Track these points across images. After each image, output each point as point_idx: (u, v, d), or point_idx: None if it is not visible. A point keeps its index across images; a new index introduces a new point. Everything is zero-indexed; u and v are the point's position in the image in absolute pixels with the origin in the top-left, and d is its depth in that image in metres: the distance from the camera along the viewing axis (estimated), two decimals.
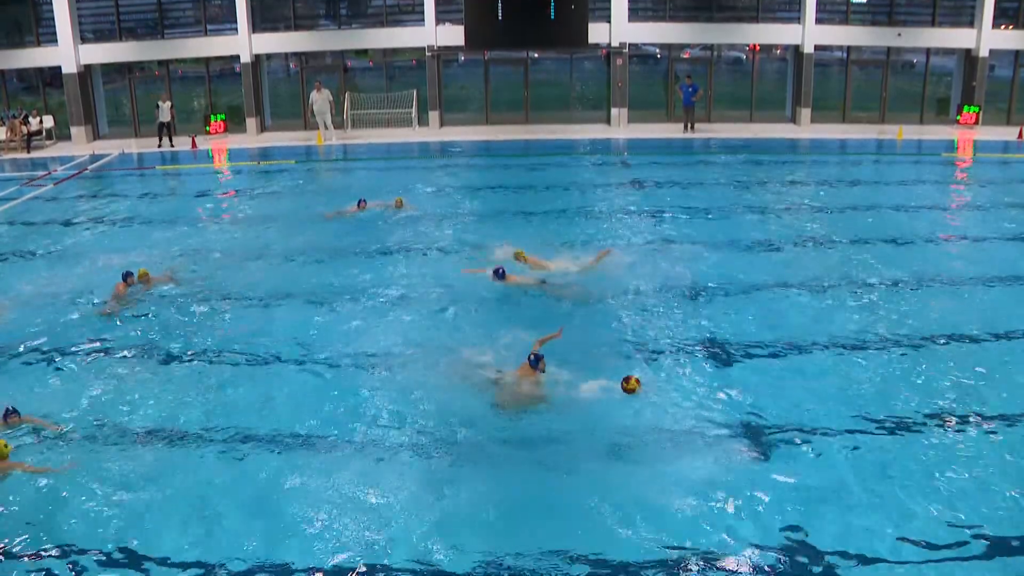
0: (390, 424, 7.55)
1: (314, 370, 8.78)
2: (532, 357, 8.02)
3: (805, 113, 24.00)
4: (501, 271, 10.83)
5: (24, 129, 23.72)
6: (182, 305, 10.75)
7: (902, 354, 8.77)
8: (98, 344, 9.58)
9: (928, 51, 24.58)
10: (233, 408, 7.98)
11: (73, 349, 9.45)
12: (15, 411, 7.70)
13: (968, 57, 23.92)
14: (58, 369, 9.02)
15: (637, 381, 7.68)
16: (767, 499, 6.32)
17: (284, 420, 7.70)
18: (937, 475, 6.61)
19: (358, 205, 15.22)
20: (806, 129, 23.67)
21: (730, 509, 6.21)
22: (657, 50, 25.36)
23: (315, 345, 9.31)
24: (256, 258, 12.79)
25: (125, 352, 9.34)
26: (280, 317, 10.29)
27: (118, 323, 10.24)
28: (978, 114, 23.53)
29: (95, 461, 7.07)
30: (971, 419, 7.44)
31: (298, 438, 7.40)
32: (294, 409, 7.90)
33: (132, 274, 11.13)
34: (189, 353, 9.26)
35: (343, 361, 8.91)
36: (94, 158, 22.12)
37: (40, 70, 25.13)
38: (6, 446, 7.02)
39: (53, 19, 23.76)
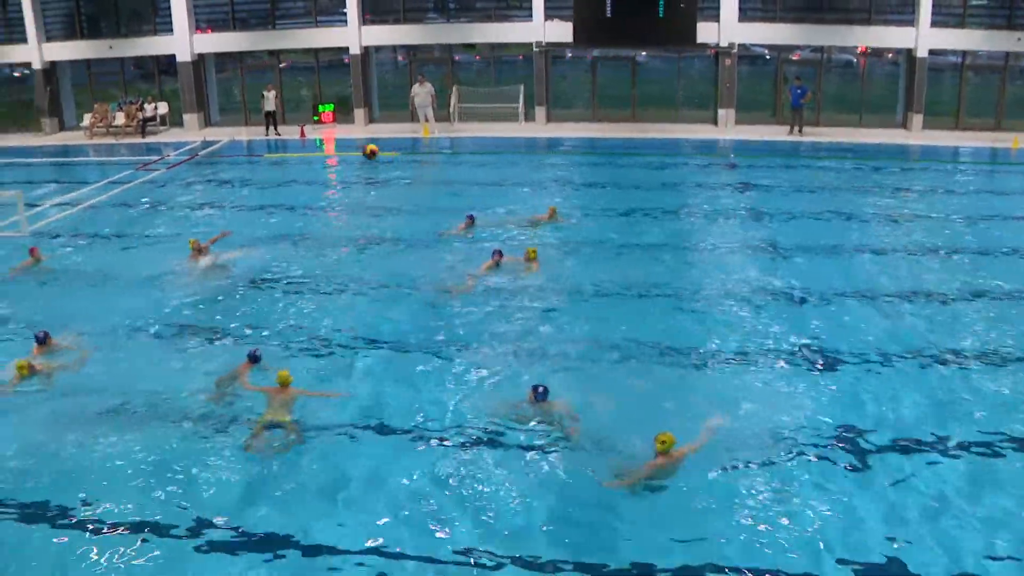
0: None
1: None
2: (539, 391, 7.56)
3: (917, 119, 23.47)
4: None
5: (139, 115, 24.43)
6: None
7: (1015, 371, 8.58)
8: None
9: None
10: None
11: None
12: (258, 357, 8.46)
13: None
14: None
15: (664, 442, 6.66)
16: (869, 513, 6.28)
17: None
18: None
19: (467, 222, 13.46)
20: (918, 135, 23.18)
21: (826, 521, 6.18)
22: (766, 51, 25.07)
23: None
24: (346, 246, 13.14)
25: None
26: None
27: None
28: None
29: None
30: None
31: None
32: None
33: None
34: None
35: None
36: (205, 144, 22.70)
37: (156, 58, 25.80)
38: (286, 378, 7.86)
39: (169, 9, 24.42)
